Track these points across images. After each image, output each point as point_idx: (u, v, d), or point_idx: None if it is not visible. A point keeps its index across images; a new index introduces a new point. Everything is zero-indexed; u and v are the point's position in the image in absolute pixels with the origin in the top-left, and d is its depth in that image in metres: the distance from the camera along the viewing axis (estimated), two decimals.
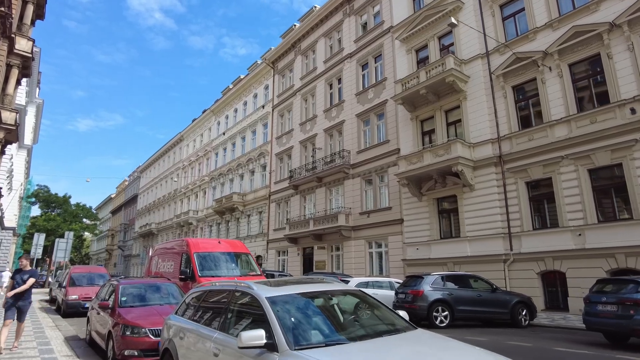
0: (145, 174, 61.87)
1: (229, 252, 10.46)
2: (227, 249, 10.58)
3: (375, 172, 21.26)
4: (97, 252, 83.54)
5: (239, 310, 3.96)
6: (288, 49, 31.24)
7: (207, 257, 9.85)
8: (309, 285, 4.15)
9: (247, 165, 34.22)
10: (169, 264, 10.69)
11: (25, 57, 18.03)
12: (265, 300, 3.53)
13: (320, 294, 4.00)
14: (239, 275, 9.60)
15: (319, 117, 26.27)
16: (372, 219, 20.84)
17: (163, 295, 7.17)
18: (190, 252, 9.86)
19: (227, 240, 11.30)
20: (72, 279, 14.47)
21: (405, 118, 20.03)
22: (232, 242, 11.28)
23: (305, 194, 26.23)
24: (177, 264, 10.26)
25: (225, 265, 10.08)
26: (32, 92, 39.91)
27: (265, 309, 3.42)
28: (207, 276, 9.08)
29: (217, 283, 4.74)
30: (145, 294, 7.07)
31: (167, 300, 7.03)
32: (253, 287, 3.89)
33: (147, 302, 6.85)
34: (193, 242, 10.33)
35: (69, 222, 35.94)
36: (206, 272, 9.37)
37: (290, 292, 3.82)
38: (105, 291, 7.74)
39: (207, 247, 10.23)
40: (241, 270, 10.21)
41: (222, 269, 9.83)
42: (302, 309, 3.67)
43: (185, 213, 42.21)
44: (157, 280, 7.98)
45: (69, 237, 22.99)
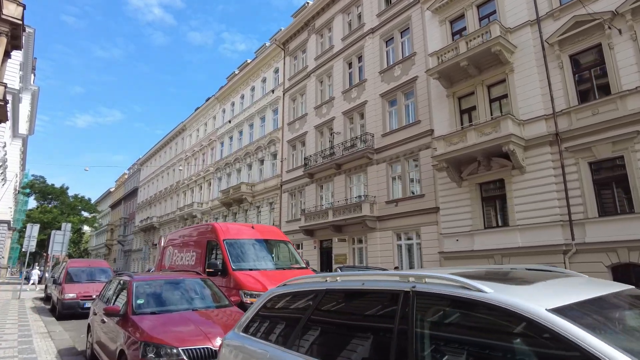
0: (146, 167, 59.79)
1: (266, 240, 8.48)
2: (263, 235, 8.59)
3: (403, 156, 19.26)
4: (96, 247, 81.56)
5: (438, 332, 2.02)
6: (300, 28, 29.14)
7: (241, 246, 7.87)
8: (589, 284, 2.14)
9: (255, 153, 32.19)
10: (188, 255, 8.68)
11: (14, 24, 15.95)
12: (556, 319, 1.57)
13: (622, 300, 2.03)
14: (282, 268, 7.65)
15: (336, 99, 24.23)
16: (400, 208, 18.87)
17: (194, 296, 5.20)
18: (218, 239, 7.89)
19: (261, 226, 9.27)
20: (69, 275, 12.45)
21: (440, 95, 18.01)
22: (267, 228, 9.27)
23: (322, 182, 24.24)
24: (200, 255, 8.29)
25: (264, 255, 8.11)
26: (26, 78, 37.74)
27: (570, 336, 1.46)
28: (244, 269, 7.13)
29: (340, 279, 2.64)
30: (170, 295, 5.15)
31: (200, 303, 5.07)
32: (483, 287, 1.88)
33: (173, 307, 4.90)
34: (221, 227, 8.35)
35: (67, 215, 33.89)
36: (242, 265, 7.40)
37: (585, 296, 1.86)
38: (112, 290, 5.77)
39: (239, 234, 8.27)
40: (282, 262, 8.26)
41: (261, 261, 7.86)
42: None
43: (189, 205, 40.19)
44: (181, 275, 6.04)
45: (67, 229, 20.98)
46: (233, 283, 6.68)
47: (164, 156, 53.00)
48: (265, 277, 6.82)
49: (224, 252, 7.59)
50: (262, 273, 7.04)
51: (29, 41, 33.95)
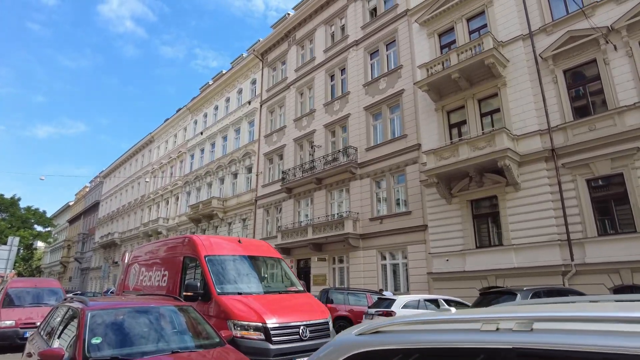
0: (109, 179, 56.64)
1: (255, 257, 7.04)
2: (252, 251, 7.11)
3: (389, 171, 18.38)
4: (50, 265, 76.17)
5: None
6: (280, 39, 28.28)
7: (226, 264, 6.42)
8: None
9: (228, 167, 30.64)
10: (158, 275, 7.11)
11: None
12: None
13: None
14: (277, 292, 6.27)
15: (317, 111, 23.29)
16: (385, 226, 17.85)
17: (171, 331, 3.80)
18: (198, 255, 6.37)
19: (248, 240, 7.77)
20: (9, 297, 10.44)
21: (428, 109, 17.36)
22: (256, 243, 7.80)
23: (301, 197, 23.00)
24: (173, 275, 6.76)
25: (255, 276, 6.69)
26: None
27: None
28: (231, 293, 5.72)
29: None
30: (138, 330, 3.73)
31: (181, 341, 3.68)
32: None
33: (143, 348, 3.51)
34: (202, 241, 6.84)
35: (17, 229, 30.86)
36: (229, 287, 5.92)
37: None
38: (57, 320, 4.26)
39: (223, 249, 6.77)
40: (276, 284, 6.88)
41: (252, 282, 6.46)
42: None
43: (154, 221, 37.81)
44: (153, 301, 4.58)
45: (13, 244, 18.64)
46: (217, 310, 5.26)
47: (129, 169, 50.29)
48: (260, 303, 5.47)
49: (205, 272, 6.06)
50: (255, 298, 5.67)
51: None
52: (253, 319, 5.10)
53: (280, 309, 5.47)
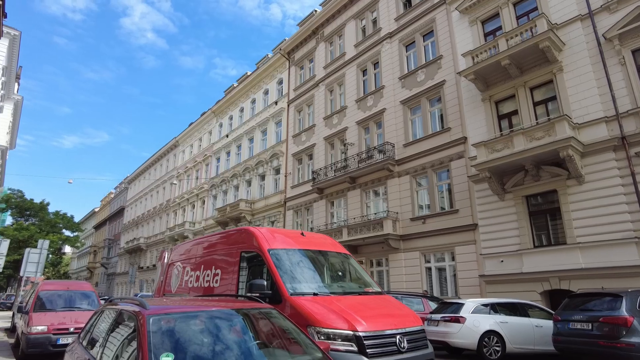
0: (134, 185, 56.91)
1: (324, 252, 6.11)
2: (319, 246, 6.16)
3: (431, 167, 17.24)
4: (77, 270, 77.17)
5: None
6: (308, 36, 27.52)
7: (294, 260, 5.48)
8: None
9: (256, 169, 29.93)
10: (209, 275, 6.13)
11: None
12: None
13: None
14: (355, 293, 5.26)
15: (349, 108, 22.34)
16: (429, 226, 16.70)
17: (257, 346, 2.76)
18: (261, 249, 5.44)
19: (311, 234, 6.76)
20: (40, 300, 9.74)
21: (473, 100, 16.20)
22: (321, 237, 6.73)
23: (333, 198, 22.02)
24: (229, 274, 5.81)
25: (327, 274, 5.73)
26: (9, 85, 35.28)
27: None
28: (306, 294, 4.75)
29: None
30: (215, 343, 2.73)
31: (272, 359, 2.70)
32: None
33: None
34: (263, 233, 5.82)
35: (46, 233, 30.79)
36: (301, 287, 4.96)
37: None
38: (103, 326, 3.39)
39: (288, 242, 5.79)
40: (350, 284, 5.88)
41: (326, 281, 5.49)
42: None
43: (180, 225, 37.40)
44: (224, 303, 3.45)
45: (44, 247, 18.21)
46: (293, 315, 4.23)
47: (153, 174, 50.30)
48: (346, 306, 4.49)
49: (272, 269, 5.09)
50: (337, 300, 4.71)
51: (14, 45, 31.75)
52: (341, 326, 4.11)
53: (367, 313, 4.47)
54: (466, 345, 8.46)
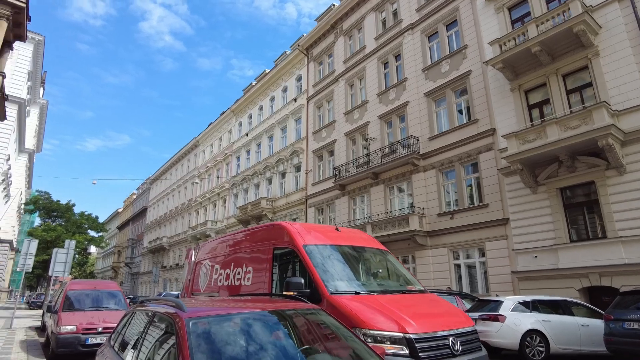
0: (156, 185, 57.65)
1: (362, 248, 5.70)
2: (355, 241, 5.78)
3: (458, 161, 16.70)
4: (102, 270, 78.84)
5: None
6: (326, 31, 27.16)
7: (331, 256, 5.15)
8: None
9: (276, 166, 29.78)
10: (239, 273, 5.82)
11: (16, 6, 13.88)
12: None
13: None
14: (399, 292, 4.91)
15: (371, 102, 21.91)
16: (457, 221, 16.18)
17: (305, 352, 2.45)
18: (295, 245, 5.11)
19: (347, 229, 6.41)
20: (69, 300, 9.72)
21: (502, 89, 15.59)
22: (355, 232, 6.42)
23: (356, 194, 21.65)
24: (261, 271, 5.52)
25: (364, 271, 5.42)
26: (35, 90, 36.05)
27: None
28: (347, 292, 4.44)
29: None
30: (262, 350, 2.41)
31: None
32: None
33: None
34: (297, 228, 5.54)
35: (72, 233, 31.39)
36: (341, 285, 4.61)
37: None
38: (135, 329, 3.18)
39: (322, 237, 5.42)
40: (392, 281, 5.53)
41: (364, 279, 5.18)
42: None
43: (202, 224, 37.60)
44: (265, 303, 3.17)
45: (70, 247, 18.42)
46: (335, 315, 3.96)
47: (175, 174, 50.81)
48: (392, 305, 4.15)
49: (309, 265, 4.76)
50: (381, 299, 4.38)
51: (38, 50, 32.37)
52: (389, 328, 3.77)
53: (416, 314, 4.12)
54: (507, 345, 8.02)
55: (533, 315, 8.34)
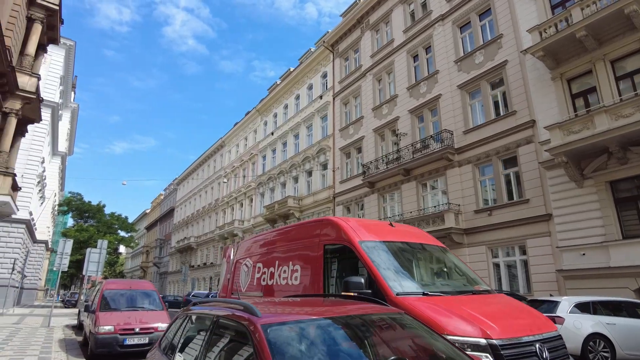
0: (183, 186, 58.45)
1: (422, 246, 5.30)
2: (413, 237, 5.38)
3: (495, 154, 16.00)
4: (131, 269, 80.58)
5: None
6: (352, 26, 26.72)
7: (390, 254, 4.75)
8: None
9: (302, 165, 29.54)
10: (286, 271, 5.48)
11: (50, 9, 14.06)
12: None
13: None
14: (466, 292, 4.47)
15: (400, 96, 21.34)
16: (496, 218, 15.50)
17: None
18: (350, 241, 4.69)
19: (402, 225, 5.93)
20: (105, 300, 9.66)
21: (542, 79, 14.82)
22: (409, 228, 5.97)
23: (386, 191, 21.15)
24: (312, 270, 5.14)
25: (428, 270, 5.01)
26: (66, 94, 36.96)
27: None
28: (413, 294, 4.04)
29: None
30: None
31: None
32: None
33: None
34: (350, 224, 5.10)
35: (103, 234, 32.05)
36: (407, 286, 4.20)
37: None
38: (192, 333, 2.87)
39: (378, 233, 5.03)
40: (454, 280, 5.10)
41: (430, 278, 4.79)
42: None
43: (230, 223, 37.77)
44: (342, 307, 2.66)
45: (103, 247, 18.63)
46: None
47: (201, 174, 51.35)
48: (467, 307, 3.73)
49: (368, 263, 4.32)
50: (454, 300, 4.04)
51: (70, 55, 33.11)
52: (470, 333, 3.33)
53: (495, 316, 3.69)
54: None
55: (595, 317, 7.71)
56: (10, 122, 13.18)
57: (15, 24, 12.43)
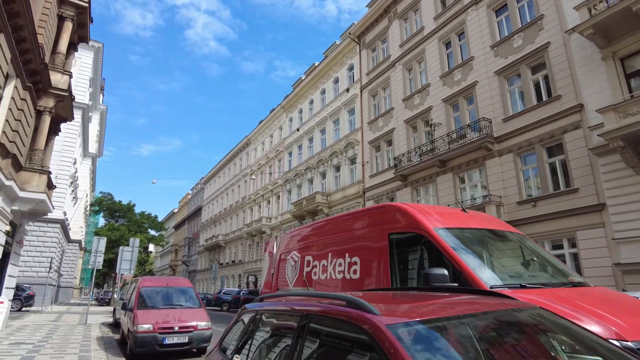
0: (209, 185, 58.95)
1: (501, 233, 4.75)
2: (490, 224, 4.84)
3: (539, 142, 15.11)
4: (160, 268, 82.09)
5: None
6: (379, 16, 26.02)
7: (473, 241, 4.29)
8: None
9: (330, 160, 29.06)
10: (342, 264, 4.98)
11: (80, 7, 14.00)
12: None
13: None
14: (567, 284, 3.92)
15: (433, 85, 20.56)
16: (541, 209, 14.63)
17: None
18: (424, 228, 4.19)
19: (474, 211, 5.39)
20: (142, 297, 9.43)
21: (590, 59, 13.84)
22: (482, 214, 5.39)
23: (419, 184, 20.43)
24: (374, 262, 4.63)
25: (514, 260, 4.46)
26: (95, 96, 37.62)
27: None
28: (510, 286, 3.51)
29: None
30: None
31: None
32: None
33: None
34: (420, 210, 4.57)
35: (134, 232, 32.48)
36: (502, 278, 3.72)
37: None
38: (262, 335, 2.41)
39: (454, 219, 4.55)
40: (543, 272, 4.50)
41: (520, 270, 4.25)
42: None
43: (257, 221, 37.70)
44: (476, 304, 2.08)
45: (135, 245, 18.67)
46: None
47: (228, 173, 51.60)
48: (584, 302, 3.16)
49: (450, 254, 3.80)
50: (560, 294, 3.43)
51: (98, 57, 33.60)
52: (600, 333, 2.79)
53: (619, 313, 3.10)
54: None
55: None
56: (44, 120, 13.20)
57: (47, 21, 12.40)
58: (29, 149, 13.09)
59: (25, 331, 12.15)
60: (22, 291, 21.20)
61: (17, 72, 10.77)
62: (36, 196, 12.46)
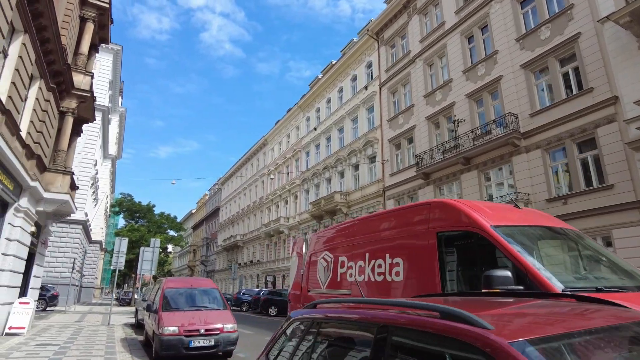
0: (227, 185, 59.21)
1: (561, 230, 4.32)
2: (546, 221, 4.45)
3: (569, 137, 14.53)
4: (179, 268, 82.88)
5: None
6: (398, 12, 25.58)
7: (535, 241, 3.96)
8: None
9: (348, 159, 28.74)
10: (382, 265, 4.69)
11: (101, 7, 14.01)
12: None
13: None
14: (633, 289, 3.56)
15: (455, 80, 20.06)
16: (572, 207, 14.06)
17: None
18: (480, 226, 3.85)
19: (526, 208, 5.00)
20: (167, 299, 9.24)
21: (625, 49, 13.23)
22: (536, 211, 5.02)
23: (442, 183, 19.96)
24: (422, 263, 4.37)
25: (578, 260, 4.14)
26: (115, 99, 38.05)
27: None
28: (585, 289, 3.15)
29: None
30: None
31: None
32: None
33: None
34: (473, 206, 4.23)
35: (154, 233, 32.71)
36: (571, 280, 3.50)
37: None
38: (324, 348, 2.09)
39: (511, 217, 4.20)
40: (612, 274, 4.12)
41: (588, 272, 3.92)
42: None
43: (275, 221, 37.61)
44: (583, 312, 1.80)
45: (156, 245, 18.69)
46: None
47: (245, 173, 51.71)
48: None
49: (513, 254, 3.46)
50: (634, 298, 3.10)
51: (117, 60, 33.95)
52: None
53: None
54: None
55: None
56: (67, 121, 13.24)
57: (70, 22, 12.41)
58: (52, 150, 13.15)
59: (50, 331, 12.19)
60: (47, 291, 21.49)
61: (41, 73, 10.77)
62: (60, 197, 12.49)
